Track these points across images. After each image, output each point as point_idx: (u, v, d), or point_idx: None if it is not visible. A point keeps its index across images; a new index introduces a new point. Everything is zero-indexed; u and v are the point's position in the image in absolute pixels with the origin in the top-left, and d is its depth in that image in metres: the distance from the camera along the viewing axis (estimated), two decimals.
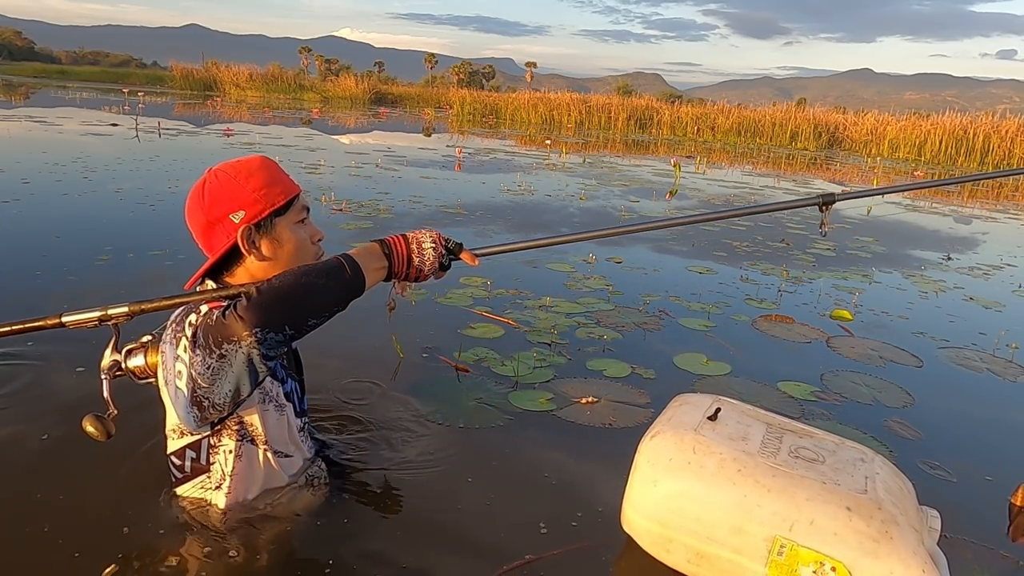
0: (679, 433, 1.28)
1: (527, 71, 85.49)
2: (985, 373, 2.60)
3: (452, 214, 4.88)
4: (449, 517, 1.43)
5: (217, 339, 1.08)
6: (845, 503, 1.14)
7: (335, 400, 1.89)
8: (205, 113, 14.76)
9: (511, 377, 2.13)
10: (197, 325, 1.12)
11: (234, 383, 1.12)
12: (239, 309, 1.08)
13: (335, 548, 1.29)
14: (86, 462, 1.48)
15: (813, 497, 1.15)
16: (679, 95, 35.14)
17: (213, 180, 1.22)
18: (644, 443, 1.32)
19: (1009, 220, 7.51)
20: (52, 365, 1.91)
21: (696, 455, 1.23)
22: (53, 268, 2.85)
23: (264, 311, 1.09)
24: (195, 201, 1.22)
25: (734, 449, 1.24)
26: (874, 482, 1.21)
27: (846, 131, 18.63)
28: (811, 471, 1.21)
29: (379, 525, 1.38)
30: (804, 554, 1.13)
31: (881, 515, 1.13)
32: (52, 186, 4.87)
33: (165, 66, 33.70)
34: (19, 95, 17.29)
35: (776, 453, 1.25)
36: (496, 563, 1.29)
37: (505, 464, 1.67)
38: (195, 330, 1.12)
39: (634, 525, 1.29)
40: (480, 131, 16.14)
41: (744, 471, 1.20)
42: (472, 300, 2.87)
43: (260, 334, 1.09)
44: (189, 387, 1.13)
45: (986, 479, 1.81)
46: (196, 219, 1.22)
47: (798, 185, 9.08)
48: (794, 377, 2.34)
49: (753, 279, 3.71)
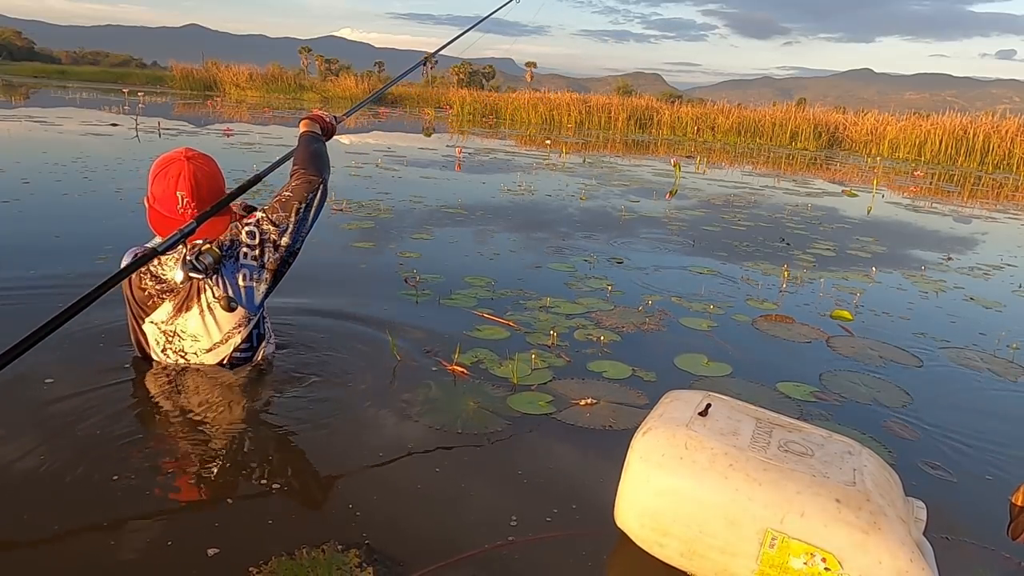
0: (671, 429, 1.30)
1: (527, 71, 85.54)
2: (985, 373, 2.60)
3: (452, 214, 4.88)
4: (438, 521, 1.43)
5: (301, 196, 1.86)
6: (834, 495, 1.17)
7: (331, 402, 1.89)
8: (205, 113, 14.76)
9: (509, 379, 2.13)
10: (267, 211, 1.86)
11: (310, 225, 1.90)
12: (307, 173, 1.90)
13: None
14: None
15: (803, 490, 1.18)
16: (679, 95, 35.13)
17: (209, 161, 1.85)
18: (636, 439, 1.34)
19: (1009, 220, 7.50)
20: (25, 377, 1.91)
21: (688, 450, 1.25)
22: (53, 268, 2.85)
23: (319, 166, 1.94)
24: (216, 175, 1.84)
25: (725, 444, 1.26)
26: (862, 474, 1.23)
27: (846, 131, 18.62)
28: (801, 464, 1.24)
29: (377, 525, 1.38)
30: (795, 546, 1.15)
31: (869, 506, 1.15)
32: (52, 186, 4.87)
33: (165, 66, 33.68)
34: (19, 95, 17.29)
35: (766, 447, 1.28)
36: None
37: (502, 466, 1.67)
38: (266, 215, 1.85)
39: (627, 520, 1.32)
40: (480, 131, 16.14)
41: (735, 465, 1.22)
42: (476, 301, 2.87)
43: (326, 176, 1.94)
44: (273, 256, 1.85)
45: (986, 479, 1.81)
46: (215, 183, 1.84)
47: (798, 185, 9.08)
48: (794, 377, 2.34)
49: (754, 279, 3.71)
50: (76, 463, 1.48)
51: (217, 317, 1.83)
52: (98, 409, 1.71)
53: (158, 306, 1.82)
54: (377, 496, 1.49)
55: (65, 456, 1.50)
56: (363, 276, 3.19)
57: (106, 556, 1.24)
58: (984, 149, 15.71)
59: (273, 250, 1.86)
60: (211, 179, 1.82)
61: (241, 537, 1.32)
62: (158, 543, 1.28)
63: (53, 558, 1.24)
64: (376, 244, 3.78)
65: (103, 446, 1.56)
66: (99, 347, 2.04)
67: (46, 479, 1.43)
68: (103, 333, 2.09)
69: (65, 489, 1.40)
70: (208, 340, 1.85)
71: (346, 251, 3.58)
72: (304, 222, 1.88)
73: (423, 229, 4.24)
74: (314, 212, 1.91)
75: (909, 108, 22.48)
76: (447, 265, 3.42)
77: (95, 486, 1.42)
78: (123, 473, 1.46)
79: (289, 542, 1.29)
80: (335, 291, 2.79)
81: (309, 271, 2.15)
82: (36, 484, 1.42)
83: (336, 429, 1.76)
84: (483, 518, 1.45)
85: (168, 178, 1.77)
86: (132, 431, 1.65)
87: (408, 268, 3.21)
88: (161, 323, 1.84)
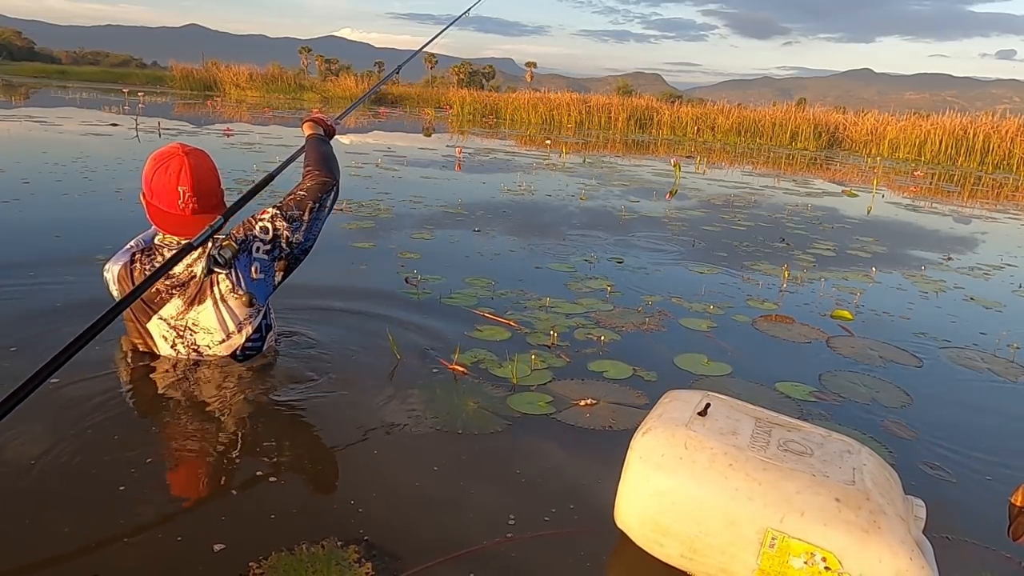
0: (670, 429, 1.30)
1: (527, 71, 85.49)
2: (985, 373, 2.60)
3: (453, 214, 4.88)
4: (436, 518, 1.43)
5: (316, 196, 1.95)
6: (834, 494, 1.17)
7: (332, 400, 1.89)
8: (205, 113, 14.76)
9: (509, 379, 2.13)
10: (280, 208, 1.92)
11: (322, 224, 2.00)
12: (321, 175, 1.99)
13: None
14: None
15: (803, 489, 1.18)
16: (679, 95, 35.12)
17: (205, 156, 1.88)
18: (636, 439, 1.34)
19: (1009, 220, 7.50)
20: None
21: (688, 450, 1.25)
22: (53, 268, 2.85)
23: (331, 168, 2.05)
24: (212, 171, 1.88)
25: (725, 443, 1.26)
26: (861, 473, 1.23)
27: (846, 131, 18.61)
28: (800, 464, 1.24)
29: (376, 522, 1.38)
30: (795, 545, 1.15)
31: (869, 505, 1.15)
32: (52, 186, 4.86)
33: (165, 66, 33.67)
34: (19, 95, 17.29)
35: (766, 447, 1.28)
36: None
37: (501, 465, 1.67)
38: (280, 212, 1.91)
39: (627, 521, 1.31)
40: (480, 131, 16.14)
41: (735, 465, 1.22)
42: (476, 301, 2.87)
43: (338, 177, 2.04)
44: (285, 252, 1.93)
45: (986, 479, 1.81)
46: (215, 183, 1.89)
47: (798, 185, 9.08)
48: (793, 377, 2.34)
49: (754, 279, 3.71)
50: (81, 459, 1.49)
51: (232, 308, 1.87)
52: (101, 406, 1.71)
53: (167, 302, 1.85)
54: (376, 493, 1.49)
55: (71, 452, 1.51)
56: (363, 276, 3.19)
57: (118, 553, 1.24)
58: (984, 149, 15.71)
59: (285, 246, 1.93)
60: (209, 173, 1.87)
61: (244, 532, 1.32)
62: (168, 538, 1.29)
63: (62, 553, 1.24)
64: (376, 244, 3.78)
65: (107, 442, 1.56)
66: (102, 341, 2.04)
67: (53, 475, 1.43)
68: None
69: (72, 485, 1.41)
70: (222, 332, 1.89)
71: (346, 251, 3.58)
72: (317, 221, 1.98)
73: (423, 229, 4.24)
74: (327, 212, 2.01)
75: (909, 108, 22.48)
76: (447, 265, 3.42)
77: (102, 484, 1.43)
78: (129, 467, 1.46)
79: (290, 537, 1.30)
80: (336, 291, 2.79)
81: (310, 271, 2.15)
82: (42, 480, 1.42)
83: (336, 426, 1.76)
84: (481, 516, 1.45)
85: (168, 173, 1.79)
86: (136, 426, 1.66)
87: (408, 268, 3.21)
88: (171, 318, 1.86)
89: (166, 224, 1.83)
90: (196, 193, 1.81)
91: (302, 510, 1.41)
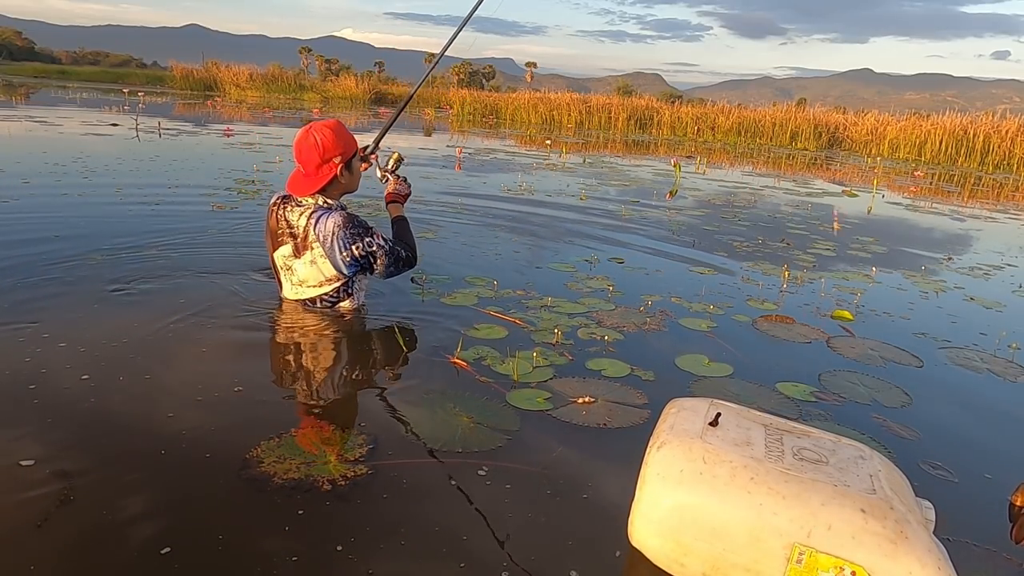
0: (685, 442, 1.26)
1: (527, 71, 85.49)
2: (985, 373, 2.60)
3: (453, 213, 4.88)
4: (429, 519, 1.43)
5: (397, 259, 2.47)
6: (859, 505, 1.14)
7: (339, 390, 1.89)
8: (205, 113, 14.76)
9: (510, 376, 2.13)
10: (386, 240, 2.44)
11: (381, 273, 2.48)
12: (412, 258, 2.54)
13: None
14: None
15: (828, 501, 1.15)
16: (679, 95, 35.12)
17: (319, 135, 2.33)
18: (651, 454, 1.29)
19: (1009, 220, 7.50)
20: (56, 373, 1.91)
21: (707, 465, 1.22)
22: (52, 267, 2.85)
23: (415, 249, 2.57)
24: (311, 148, 2.32)
25: (743, 456, 1.23)
26: (879, 480, 1.21)
27: (846, 131, 18.62)
28: (819, 473, 1.21)
29: (371, 525, 1.38)
30: (823, 560, 1.12)
31: (894, 515, 1.13)
32: (52, 186, 4.86)
33: (165, 66, 33.67)
34: (19, 95, 17.28)
35: (782, 456, 1.24)
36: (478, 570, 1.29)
37: (498, 463, 1.67)
38: (384, 242, 2.42)
39: (645, 540, 1.26)
40: (480, 131, 16.14)
41: (757, 479, 1.18)
42: (479, 299, 2.87)
43: (414, 257, 2.56)
44: (364, 266, 2.42)
45: (986, 479, 1.81)
46: (311, 159, 2.33)
47: (798, 185, 9.08)
48: (794, 378, 2.34)
49: (754, 279, 3.71)
50: (118, 376, 1.49)
51: (320, 268, 2.36)
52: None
53: (283, 243, 2.39)
54: (375, 490, 1.49)
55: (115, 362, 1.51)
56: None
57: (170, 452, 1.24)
58: (984, 149, 15.72)
59: (367, 265, 2.44)
60: (308, 154, 2.39)
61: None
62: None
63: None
64: None
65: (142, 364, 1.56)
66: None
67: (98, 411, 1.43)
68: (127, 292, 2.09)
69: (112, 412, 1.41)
70: (307, 283, 2.41)
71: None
72: (385, 268, 2.46)
73: (424, 229, 4.23)
74: (395, 271, 2.51)
75: (909, 108, 22.46)
76: (449, 265, 3.42)
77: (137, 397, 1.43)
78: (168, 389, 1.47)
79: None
80: None
81: None
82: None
83: (338, 419, 1.76)
84: (479, 514, 1.45)
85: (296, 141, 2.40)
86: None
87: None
88: (283, 258, 2.42)
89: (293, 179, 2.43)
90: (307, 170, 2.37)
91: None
